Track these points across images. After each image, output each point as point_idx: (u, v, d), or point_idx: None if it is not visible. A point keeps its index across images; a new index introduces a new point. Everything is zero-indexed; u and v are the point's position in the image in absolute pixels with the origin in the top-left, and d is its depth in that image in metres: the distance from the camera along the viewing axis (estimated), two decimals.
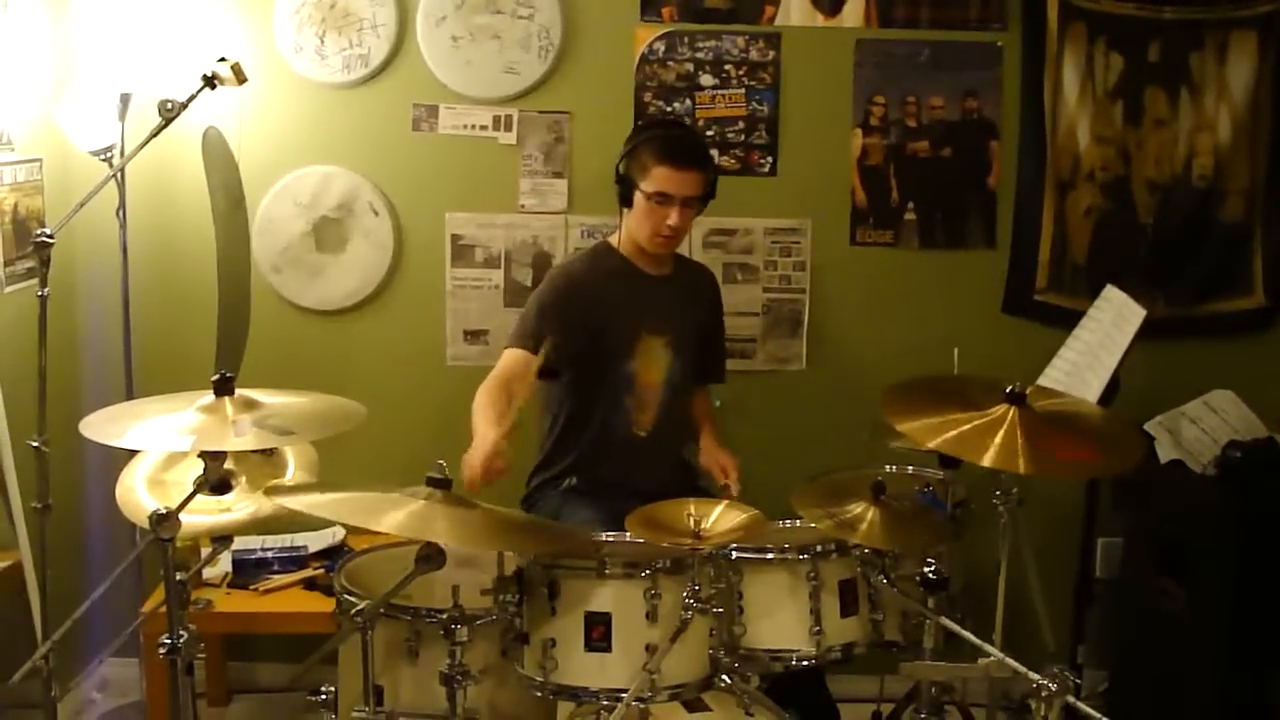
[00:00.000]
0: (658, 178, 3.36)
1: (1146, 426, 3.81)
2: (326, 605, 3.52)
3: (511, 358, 3.42)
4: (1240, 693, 3.47)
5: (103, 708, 4.01)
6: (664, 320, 3.56)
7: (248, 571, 3.72)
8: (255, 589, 3.67)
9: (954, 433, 2.54)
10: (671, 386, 3.58)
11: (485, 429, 3.12)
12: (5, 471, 3.47)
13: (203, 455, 2.61)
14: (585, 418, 3.57)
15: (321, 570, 3.74)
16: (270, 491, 2.63)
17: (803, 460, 3.79)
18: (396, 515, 2.29)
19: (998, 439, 2.49)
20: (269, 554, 3.77)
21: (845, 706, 3.54)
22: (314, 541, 3.85)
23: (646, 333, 3.54)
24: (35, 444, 3.01)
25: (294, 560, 3.78)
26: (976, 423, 2.55)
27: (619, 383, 3.54)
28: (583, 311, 3.48)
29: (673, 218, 3.39)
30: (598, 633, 2.52)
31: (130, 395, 3.78)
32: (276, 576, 3.72)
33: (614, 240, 3.58)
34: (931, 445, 2.53)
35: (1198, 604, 3.63)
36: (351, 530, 3.88)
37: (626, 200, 3.45)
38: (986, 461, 2.47)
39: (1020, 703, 3.89)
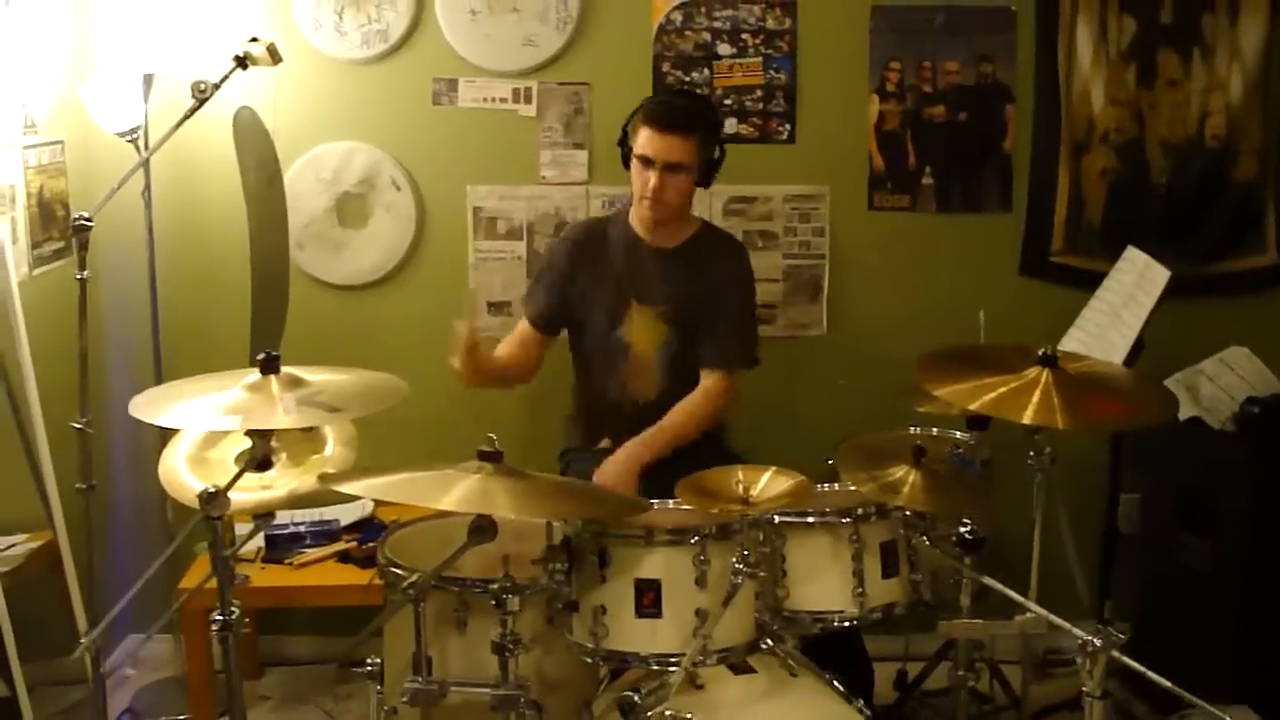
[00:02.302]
0: (642, 140, 3.44)
1: (1165, 383, 3.85)
2: (361, 577, 3.57)
3: (518, 326, 3.69)
4: (1262, 643, 3.53)
5: (137, 683, 4.06)
6: (657, 292, 3.59)
7: (281, 546, 3.75)
8: (290, 563, 3.69)
9: (992, 395, 2.61)
10: (669, 357, 3.62)
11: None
12: (40, 452, 3.51)
13: (250, 433, 2.63)
14: (594, 383, 3.68)
15: (354, 543, 3.77)
16: (324, 479, 2.65)
17: (824, 425, 3.86)
18: (456, 493, 2.32)
19: (1035, 398, 2.58)
20: (301, 528, 3.79)
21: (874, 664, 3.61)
22: (345, 515, 3.89)
23: (637, 302, 3.60)
24: (78, 425, 3.03)
25: (326, 534, 3.81)
26: (1013, 385, 2.62)
27: (613, 350, 3.62)
28: (571, 278, 3.60)
29: (652, 180, 3.44)
30: (648, 599, 2.57)
31: (159, 375, 3.81)
32: (310, 550, 3.75)
33: (631, 210, 3.64)
34: (973, 407, 2.59)
35: (1219, 557, 3.69)
36: (380, 503, 3.93)
37: (626, 162, 3.54)
38: (1027, 419, 2.56)
39: (1045, 658, 3.99)
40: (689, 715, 2.12)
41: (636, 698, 2.10)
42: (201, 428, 2.90)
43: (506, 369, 3.63)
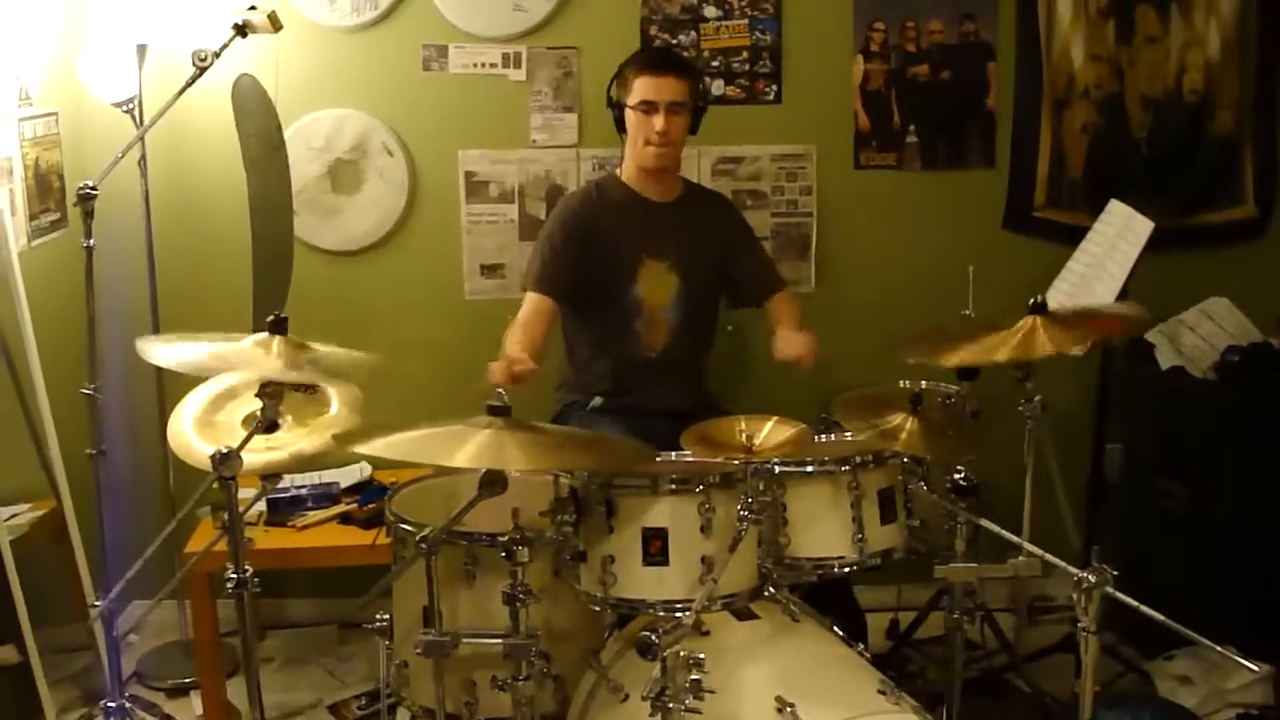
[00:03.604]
0: (639, 88, 3.52)
1: (1147, 335, 3.93)
2: (362, 538, 3.63)
3: (529, 302, 3.60)
4: (1242, 585, 3.62)
5: (141, 649, 4.11)
6: (666, 245, 3.66)
7: (283, 509, 3.79)
8: (292, 525, 3.74)
9: (1005, 347, 2.72)
10: (680, 309, 3.69)
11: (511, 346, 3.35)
12: (43, 419, 3.55)
13: (261, 394, 2.68)
14: (599, 341, 3.71)
15: (354, 504, 3.83)
16: (338, 439, 2.70)
17: (819, 379, 3.91)
18: (469, 449, 2.36)
19: (1042, 336, 2.70)
20: (302, 491, 3.84)
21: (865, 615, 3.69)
22: (344, 478, 3.94)
23: (648, 257, 3.66)
24: (88, 391, 3.07)
25: (327, 496, 3.85)
26: (1018, 336, 2.72)
27: (627, 307, 3.66)
28: (585, 242, 3.62)
29: (659, 123, 3.51)
30: (655, 547, 2.61)
31: None
32: (311, 513, 3.79)
33: (619, 171, 3.70)
34: (998, 358, 2.69)
35: (1200, 502, 3.79)
36: (379, 465, 3.98)
37: (621, 124, 3.60)
38: (1046, 352, 2.69)
39: (1034, 605, 4.08)
40: (702, 656, 2.18)
41: (654, 637, 2.16)
42: (219, 375, 2.92)
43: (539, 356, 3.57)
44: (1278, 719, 3.51)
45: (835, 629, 2.86)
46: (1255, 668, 2.35)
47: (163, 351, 2.64)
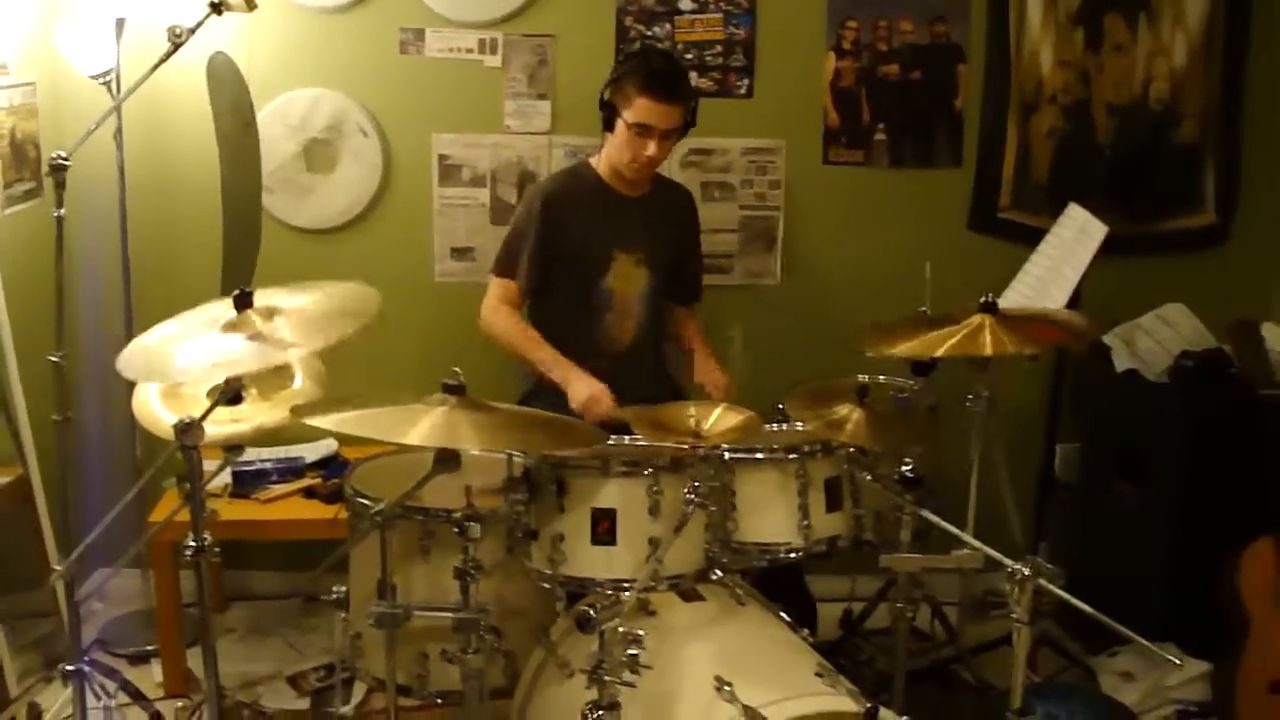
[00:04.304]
0: (640, 109, 3.50)
1: (1104, 338, 4.00)
2: (325, 512, 3.68)
3: (501, 286, 3.69)
4: (1188, 585, 3.67)
5: (105, 616, 4.14)
6: (636, 238, 3.71)
7: (247, 482, 3.85)
8: (257, 498, 3.80)
9: (948, 342, 2.80)
10: (648, 301, 3.76)
11: (573, 374, 3.54)
12: (12, 387, 3.59)
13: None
14: (570, 331, 3.74)
15: (319, 479, 3.88)
16: (296, 411, 2.74)
17: (778, 370, 3.96)
18: (422, 426, 2.41)
19: (986, 336, 2.78)
20: (267, 465, 3.90)
21: (819, 606, 3.75)
22: (310, 453, 4.00)
23: (619, 250, 3.71)
24: (55, 359, 3.11)
25: (292, 470, 3.91)
26: (962, 333, 2.76)
27: (598, 298, 3.72)
28: (557, 231, 3.66)
29: (651, 149, 3.54)
30: (603, 527, 2.68)
31: (130, 312, 3.90)
32: (276, 486, 3.85)
33: (594, 161, 3.73)
34: (939, 353, 2.76)
35: (1150, 503, 3.86)
36: (345, 441, 4.03)
37: (609, 125, 3.59)
38: (986, 351, 2.78)
39: (983, 599, 4.14)
40: (641, 632, 2.24)
41: (592, 611, 2.22)
42: (204, 378, 2.93)
43: None
44: (1215, 715, 3.59)
45: (781, 614, 2.91)
46: (1177, 661, 2.42)
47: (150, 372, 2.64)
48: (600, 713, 2.21)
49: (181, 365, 2.59)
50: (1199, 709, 3.62)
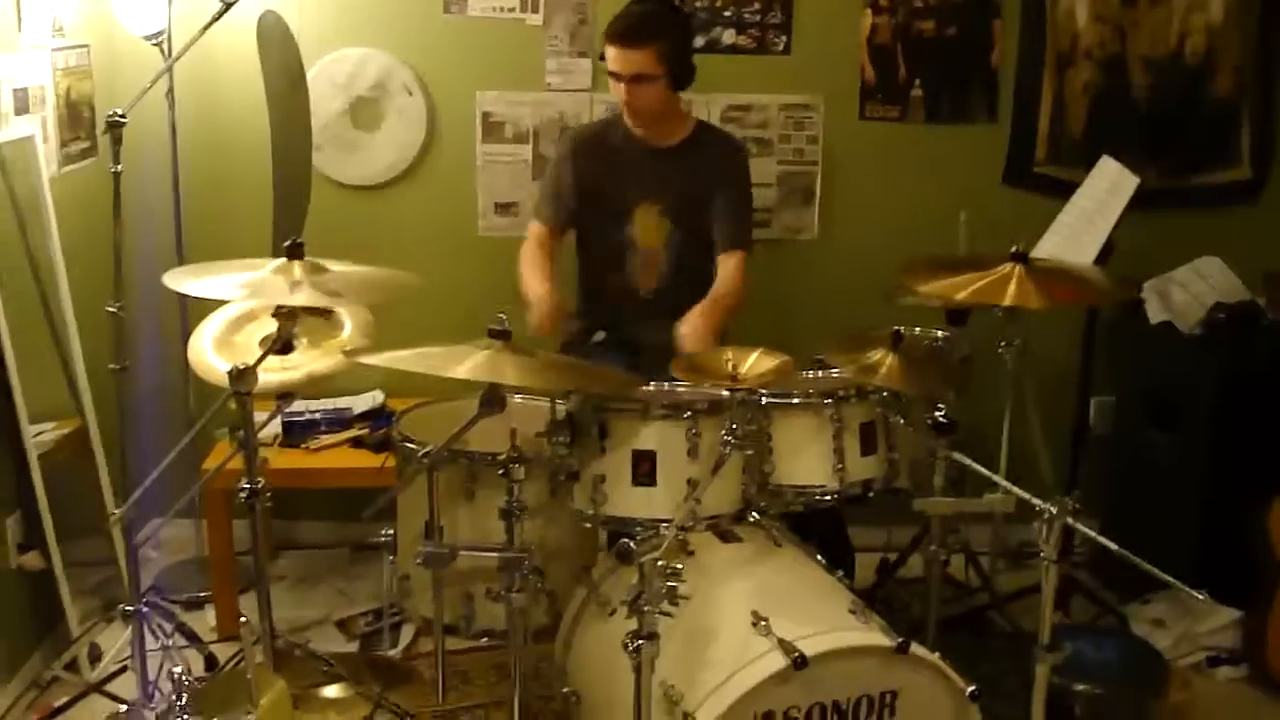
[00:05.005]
0: (609, 57, 3.61)
1: (1139, 292, 4.04)
2: (372, 461, 3.79)
3: (533, 228, 3.83)
4: (1219, 534, 3.72)
5: (160, 564, 4.26)
6: (659, 189, 3.77)
7: (297, 432, 3.95)
8: (306, 447, 3.91)
9: (973, 287, 2.82)
10: (673, 251, 3.81)
11: (536, 285, 3.55)
12: (71, 340, 3.71)
13: (276, 316, 2.81)
14: (597, 277, 3.88)
15: (366, 430, 3.98)
16: (348, 354, 2.83)
17: (815, 322, 4.06)
18: (469, 363, 2.51)
19: (1011, 286, 2.78)
20: (316, 415, 4.00)
21: (857, 555, 3.81)
22: (357, 405, 4.10)
23: (642, 200, 3.78)
24: (113, 309, 3.21)
25: (340, 421, 4.02)
26: (990, 279, 2.80)
27: (621, 246, 3.81)
28: (581, 175, 3.78)
29: (623, 93, 3.62)
30: (644, 468, 2.77)
31: (183, 265, 3.99)
32: (324, 436, 3.96)
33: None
34: (959, 297, 2.79)
35: (1183, 453, 3.90)
36: (391, 393, 4.14)
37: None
38: (1006, 301, 2.77)
39: (1020, 549, 4.20)
40: (679, 566, 2.31)
41: (632, 544, 2.29)
42: (234, 299, 3.04)
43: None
44: (1245, 661, 3.64)
45: (817, 556, 2.98)
46: (1201, 597, 2.47)
47: (189, 284, 2.76)
48: (640, 642, 2.28)
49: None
50: (1229, 655, 3.68)
